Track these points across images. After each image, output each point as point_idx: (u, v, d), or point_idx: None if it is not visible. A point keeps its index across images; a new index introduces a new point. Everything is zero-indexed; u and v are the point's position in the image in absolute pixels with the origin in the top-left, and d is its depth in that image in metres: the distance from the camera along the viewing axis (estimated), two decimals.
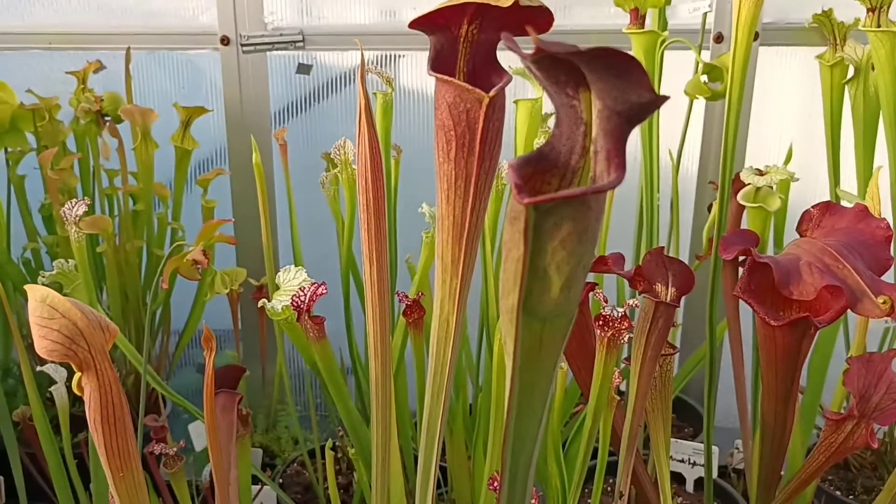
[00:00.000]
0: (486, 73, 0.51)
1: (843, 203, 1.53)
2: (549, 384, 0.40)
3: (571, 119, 0.38)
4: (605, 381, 0.79)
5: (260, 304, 0.89)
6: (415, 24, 0.47)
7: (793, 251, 0.75)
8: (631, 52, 1.38)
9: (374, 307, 0.69)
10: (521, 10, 0.45)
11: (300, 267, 0.86)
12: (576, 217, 0.35)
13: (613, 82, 0.34)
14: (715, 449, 1.48)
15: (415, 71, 1.85)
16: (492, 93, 0.46)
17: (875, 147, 1.51)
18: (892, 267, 0.75)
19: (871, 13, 1.40)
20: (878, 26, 1.39)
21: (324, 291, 0.83)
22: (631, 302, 0.79)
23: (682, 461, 1.50)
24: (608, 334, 0.77)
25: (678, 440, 1.52)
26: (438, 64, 0.50)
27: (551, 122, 1.39)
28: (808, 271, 0.70)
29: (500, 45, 0.43)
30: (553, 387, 0.41)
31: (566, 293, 0.37)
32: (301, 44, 1.69)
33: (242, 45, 1.67)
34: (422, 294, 1.00)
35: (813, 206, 0.79)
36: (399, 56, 1.84)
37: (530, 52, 0.33)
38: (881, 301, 0.66)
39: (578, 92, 0.37)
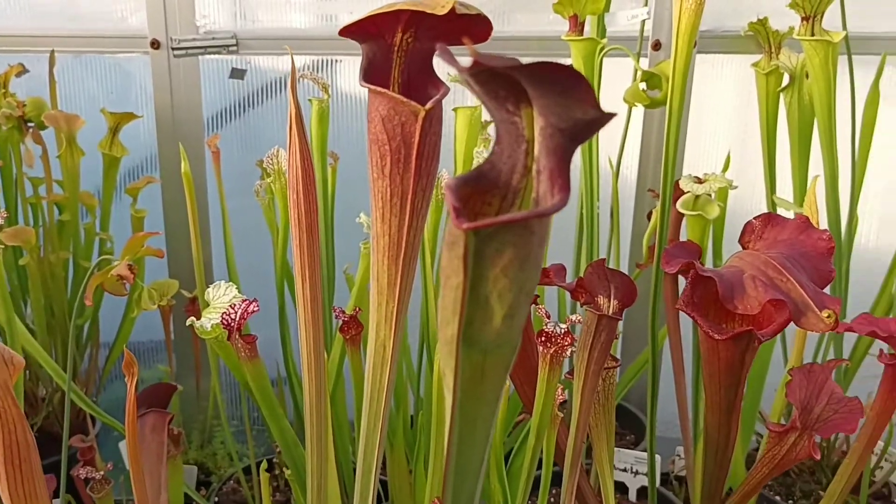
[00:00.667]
0: (422, 84, 0.48)
1: (780, 210, 1.56)
2: (492, 417, 0.37)
3: (512, 136, 0.36)
4: (549, 398, 0.77)
5: (189, 321, 0.85)
6: (345, 31, 0.45)
7: (736, 264, 0.74)
8: (571, 61, 1.38)
9: (308, 325, 0.66)
10: (458, 19, 0.42)
11: (230, 283, 0.82)
12: (518, 242, 0.33)
13: (557, 99, 0.31)
14: (657, 457, 1.48)
15: (353, 76, 1.82)
16: (428, 105, 0.43)
17: (810, 154, 1.54)
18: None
19: (805, 22, 1.42)
20: (812, 35, 1.41)
21: (255, 309, 0.79)
22: (573, 318, 0.78)
23: (624, 470, 1.50)
24: (551, 350, 0.75)
25: (620, 449, 1.51)
26: (371, 74, 0.47)
27: (491, 129, 1.37)
28: (752, 285, 0.69)
29: (437, 53, 0.40)
30: (496, 417, 0.39)
31: (509, 322, 0.34)
32: (235, 48, 1.64)
33: (173, 49, 1.61)
34: (359, 310, 0.97)
35: (755, 218, 0.79)
36: (337, 61, 1.80)
37: (468, 65, 0.31)
38: (825, 315, 0.65)
39: (520, 108, 0.34)
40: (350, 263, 1.28)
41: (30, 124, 1.53)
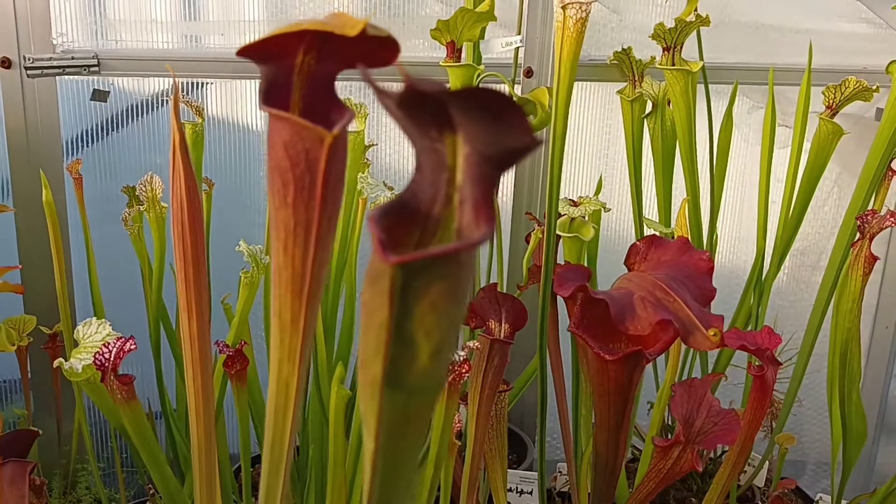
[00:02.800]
0: (324, 108, 0.46)
1: (646, 230, 1.62)
2: (416, 461, 0.36)
3: (434, 164, 0.34)
4: (447, 427, 0.76)
5: (56, 363, 0.78)
6: (244, 52, 0.42)
7: (625, 285, 0.76)
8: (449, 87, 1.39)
9: (196, 365, 0.62)
10: (366, 41, 0.41)
11: (103, 320, 0.76)
12: (447, 275, 0.31)
13: (488, 126, 0.30)
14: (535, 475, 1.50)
15: (222, 99, 1.76)
16: (335, 130, 0.42)
17: (673, 177, 1.61)
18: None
19: (666, 52, 1.50)
20: (673, 65, 1.48)
21: (132, 347, 0.74)
22: (471, 344, 0.77)
23: (510, 490, 1.51)
24: (448, 379, 0.74)
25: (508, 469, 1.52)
26: (271, 97, 0.44)
27: (370, 153, 1.36)
28: (641, 306, 0.71)
29: (361, 77, 0.38)
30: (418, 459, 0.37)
31: (436, 360, 0.33)
32: (96, 68, 1.55)
33: (27, 69, 1.50)
34: (244, 343, 0.93)
35: (640, 240, 0.81)
36: (206, 84, 1.74)
37: (400, 91, 0.29)
38: (711, 333, 0.68)
39: (443, 135, 0.33)
40: (229, 293, 1.23)
41: None
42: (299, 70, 0.44)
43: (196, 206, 0.60)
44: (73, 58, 1.52)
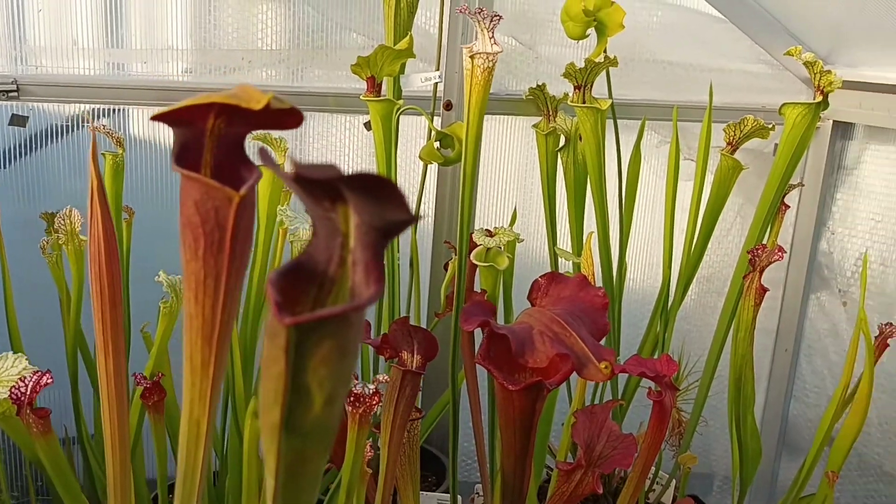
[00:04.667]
0: (234, 166, 0.50)
1: (560, 260, 1.69)
2: (314, 497, 0.40)
3: (329, 230, 0.38)
4: (358, 456, 0.80)
5: None
6: (158, 118, 0.45)
7: (526, 320, 0.81)
8: (370, 118, 1.43)
9: (112, 400, 0.64)
10: (271, 110, 0.45)
11: (19, 354, 0.77)
12: (337, 333, 0.35)
13: (373, 203, 0.35)
14: (458, 498, 1.54)
15: (144, 124, 1.76)
16: (242, 191, 0.45)
17: (584, 208, 1.68)
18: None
19: (577, 90, 1.57)
20: (584, 102, 1.56)
21: (48, 381, 0.75)
22: (381, 377, 0.81)
23: None
24: (360, 410, 0.78)
25: (423, 492, 1.56)
26: (183, 157, 0.48)
27: None
28: (540, 340, 0.76)
29: (261, 161, 0.42)
30: (316, 494, 0.41)
31: (329, 408, 0.37)
32: (15, 94, 1.54)
33: None
34: (161, 374, 0.95)
35: (541, 277, 0.86)
36: (129, 109, 1.74)
37: (290, 175, 0.33)
38: (603, 366, 0.73)
39: (336, 206, 0.37)
40: (148, 322, 1.24)
41: None
42: (210, 133, 0.48)
43: (112, 248, 0.63)
44: None
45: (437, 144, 1.50)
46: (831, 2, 1.71)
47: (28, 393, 0.74)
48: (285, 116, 0.46)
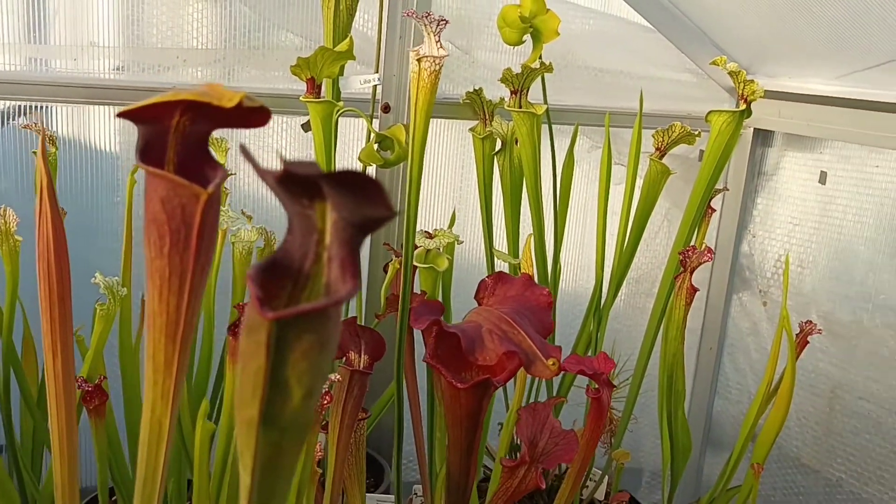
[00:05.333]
0: (197, 163, 0.50)
1: (497, 261, 1.72)
2: (288, 490, 0.40)
3: (305, 227, 0.39)
4: (308, 456, 0.80)
5: None
6: (123, 115, 0.45)
7: (474, 319, 0.82)
8: (309, 119, 1.42)
9: (59, 399, 0.63)
10: (239, 108, 0.45)
11: None
12: (318, 328, 0.36)
13: (354, 199, 0.35)
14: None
15: (70, 123, 1.71)
16: (210, 188, 0.45)
17: (520, 210, 1.71)
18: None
19: (514, 95, 1.60)
20: (520, 107, 1.59)
21: None
22: (332, 377, 0.81)
23: None
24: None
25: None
26: (147, 154, 0.47)
27: (228, 182, 1.37)
28: (489, 338, 0.78)
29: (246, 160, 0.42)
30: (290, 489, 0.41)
31: (307, 401, 0.37)
32: None
33: None
34: (103, 377, 0.92)
35: (488, 277, 0.88)
36: (52, 107, 1.69)
37: (278, 173, 0.34)
38: (550, 363, 0.75)
39: (313, 202, 0.38)
40: (82, 325, 1.20)
41: None
42: (174, 131, 0.48)
43: (62, 245, 0.61)
44: None
45: (376, 146, 1.50)
46: (754, 16, 1.79)
47: None
48: (252, 115, 0.47)
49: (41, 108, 1.68)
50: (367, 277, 1.78)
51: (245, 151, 0.36)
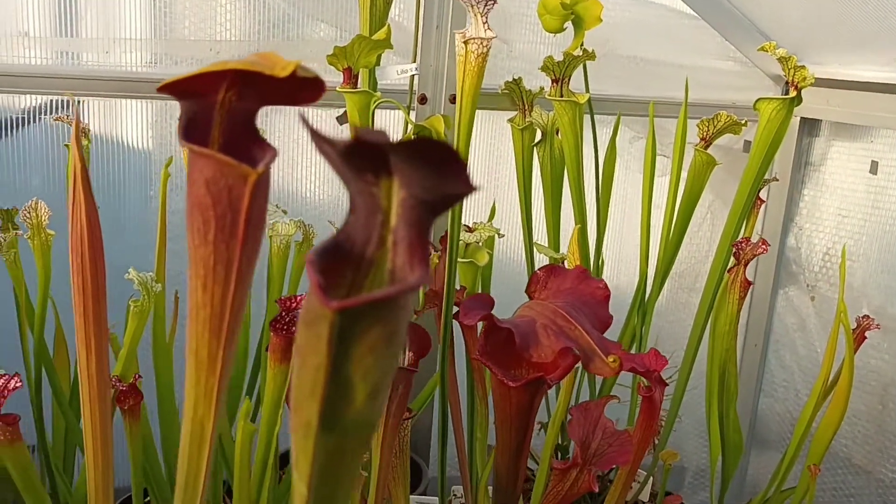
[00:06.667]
0: (244, 143, 0.46)
1: (537, 255, 1.67)
2: (347, 502, 0.36)
3: (369, 206, 0.35)
4: None
5: None
6: (165, 88, 0.41)
7: (527, 313, 0.78)
8: (346, 111, 1.38)
9: (94, 401, 0.59)
10: (291, 80, 0.41)
11: None
12: (387, 318, 0.32)
13: (427, 173, 0.31)
14: (434, 499, 1.51)
15: (100, 117, 1.69)
16: (260, 168, 0.41)
17: (561, 203, 1.67)
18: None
19: (554, 84, 1.55)
20: (562, 96, 1.54)
21: (17, 385, 0.70)
22: None
23: None
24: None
25: None
26: (191, 132, 0.44)
27: None
28: (544, 334, 0.73)
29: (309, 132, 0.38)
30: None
31: (372, 401, 0.33)
32: None
33: None
34: (138, 376, 0.89)
35: (540, 269, 0.83)
36: (84, 101, 1.67)
37: (345, 142, 0.30)
38: (611, 360, 0.71)
39: (379, 179, 0.34)
40: (115, 323, 1.17)
41: None
42: (220, 106, 0.44)
43: (97, 238, 0.58)
44: None
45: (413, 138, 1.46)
46: (800, 1, 1.72)
47: None
48: (302, 90, 0.43)
49: (73, 102, 1.66)
50: None
51: (304, 120, 0.32)
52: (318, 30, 1.68)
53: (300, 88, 0.42)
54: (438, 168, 0.31)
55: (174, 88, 0.41)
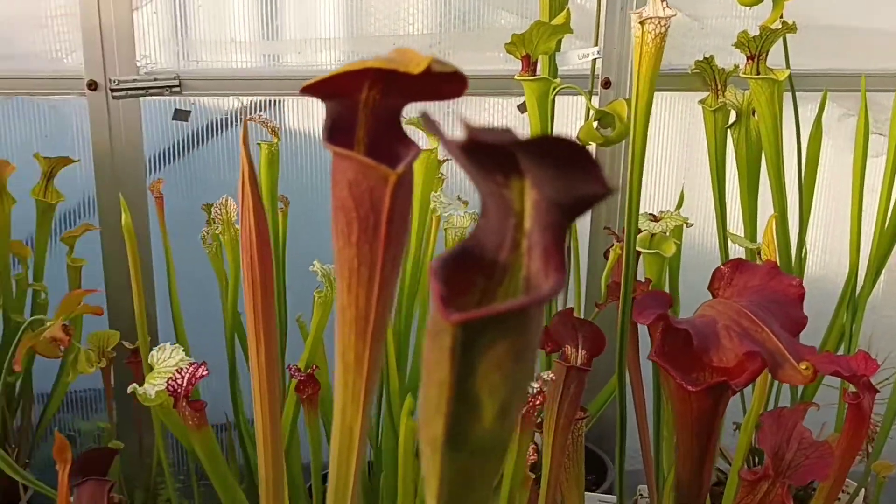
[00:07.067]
0: (390, 143, 0.45)
1: (730, 245, 1.56)
2: None
3: (500, 209, 0.32)
4: (520, 460, 0.74)
5: (130, 389, 0.79)
6: (308, 90, 0.41)
7: (708, 313, 0.72)
8: (524, 100, 1.36)
9: (263, 394, 0.61)
10: (431, 76, 0.39)
11: (177, 345, 0.77)
12: (514, 331, 0.29)
13: (558, 173, 0.28)
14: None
15: (299, 115, 1.78)
16: (399, 169, 0.40)
17: (758, 189, 1.55)
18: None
19: (750, 61, 1.44)
20: (758, 73, 1.42)
21: (204, 373, 0.74)
22: (546, 375, 0.74)
23: None
24: (522, 411, 0.72)
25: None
26: (335, 134, 0.43)
27: (445, 167, 1.35)
28: (726, 336, 0.67)
29: (424, 125, 0.37)
30: None
31: (501, 420, 0.31)
32: (178, 88, 1.59)
33: (112, 91, 1.55)
34: (316, 367, 0.92)
35: (724, 265, 0.77)
36: (283, 100, 1.76)
37: (461, 141, 0.28)
38: (803, 367, 0.63)
39: (510, 179, 0.31)
40: (303, 312, 1.23)
41: None
42: (364, 106, 0.43)
43: (264, 237, 0.60)
44: (155, 79, 1.56)
45: (595, 124, 1.41)
46: None
47: (184, 385, 0.73)
48: (445, 84, 0.41)
49: (275, 102, 1.76)
50: (587, 264, 1.69)
51: (427, 119, 0.30)
52: (499, 18, 1.66)
53: (442, 83, 0.40)
54: (568, 168, 0.28)
55: (317, 89, 0.41)
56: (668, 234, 1.29)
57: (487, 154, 0.30)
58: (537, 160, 0.29)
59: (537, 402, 0.71)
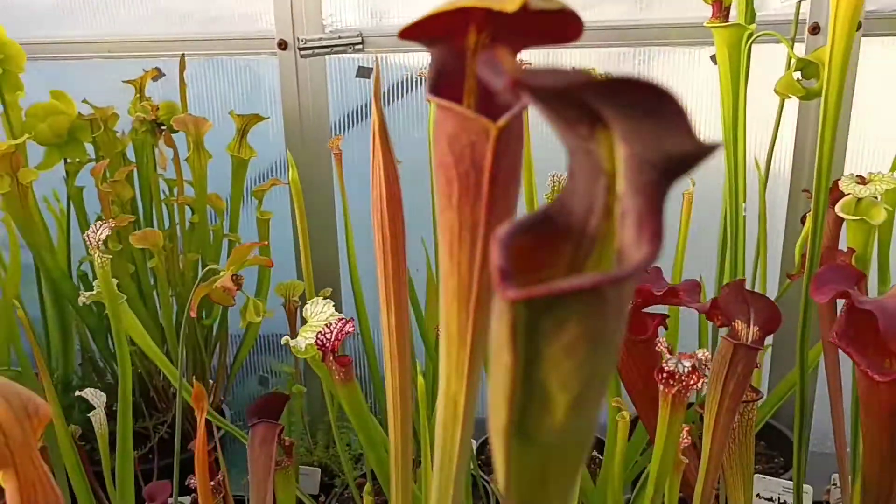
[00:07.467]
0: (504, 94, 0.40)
1: None
2: None
3: (588, 168, 0.28)
4: (670, 443, 0.68)
5: (283, 341, 0.81)
6: (406, 34, 0.38)
7: None
8: (714, 50, 1.25)
9: (394, 360, 0.60)
10: (537, 16, 0.35)
11: (328, 300, 0.77)
12: (587, 314, 0.25)
13: (641, 123, 0.23)
14: (808, 488, 1.34)
15: None
16: (500, 122, 0.36)
17: None
18: None
19: None
20: None
21: (350, 329, 0.74)
22: (700, 355, 0.67)
23: (770, 500, 1.36)
24: (673, 390, 0.65)
25: (766, 477, 1.37)
26: (441, 85, 0.39)
27: None
28: None
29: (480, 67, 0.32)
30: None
31: (576, 415, 0.26)
32: (360, 46, 1.61)
33: (300, 49, 1.60)
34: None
35: None
36: None
37: (514, 83, 0.23)
38: None
39: (595, 132, 0.26)
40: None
41: (162, 127, 1.56)
42: (473, 52, 0.39)
43: (395, 195, 0.57)
44: (339, 37, 1.59)
45: (797, 75, 1.27)
46: None
47: (332, 340, 0.73)
48: (557, 22, 0.36)
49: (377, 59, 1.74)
50: (784, 229, 1.54)
51: (485, 63, 0.25)
52: None
53: (553, 23, 0.35)
54: (658, 119, 0.23)
55: (416, 34, 0.38)
56: (878, 198, 1.14)
57: (565, 102, 0.25)
58: (623, 110, 0.24)
59: (691, 381, 0.64)
